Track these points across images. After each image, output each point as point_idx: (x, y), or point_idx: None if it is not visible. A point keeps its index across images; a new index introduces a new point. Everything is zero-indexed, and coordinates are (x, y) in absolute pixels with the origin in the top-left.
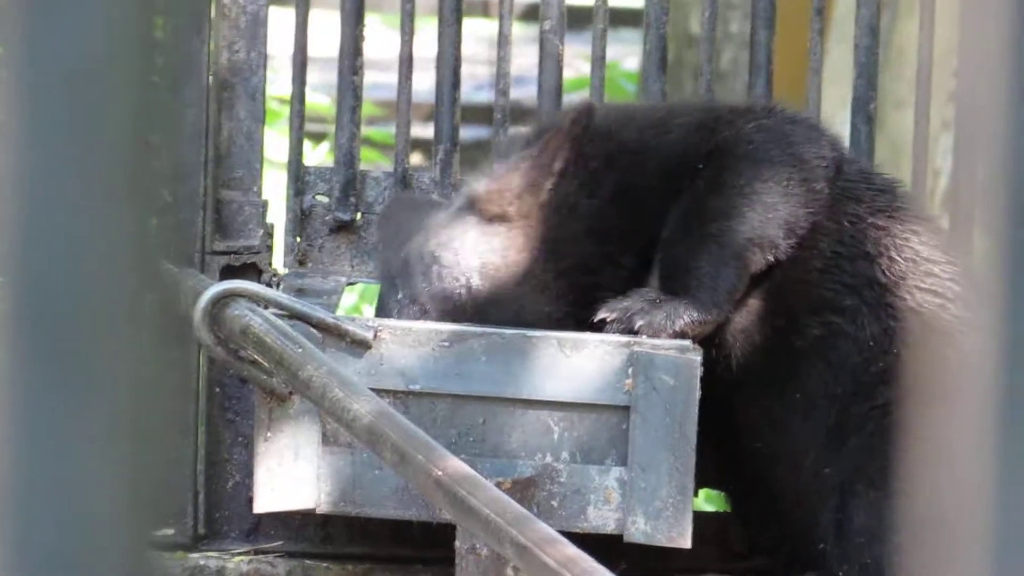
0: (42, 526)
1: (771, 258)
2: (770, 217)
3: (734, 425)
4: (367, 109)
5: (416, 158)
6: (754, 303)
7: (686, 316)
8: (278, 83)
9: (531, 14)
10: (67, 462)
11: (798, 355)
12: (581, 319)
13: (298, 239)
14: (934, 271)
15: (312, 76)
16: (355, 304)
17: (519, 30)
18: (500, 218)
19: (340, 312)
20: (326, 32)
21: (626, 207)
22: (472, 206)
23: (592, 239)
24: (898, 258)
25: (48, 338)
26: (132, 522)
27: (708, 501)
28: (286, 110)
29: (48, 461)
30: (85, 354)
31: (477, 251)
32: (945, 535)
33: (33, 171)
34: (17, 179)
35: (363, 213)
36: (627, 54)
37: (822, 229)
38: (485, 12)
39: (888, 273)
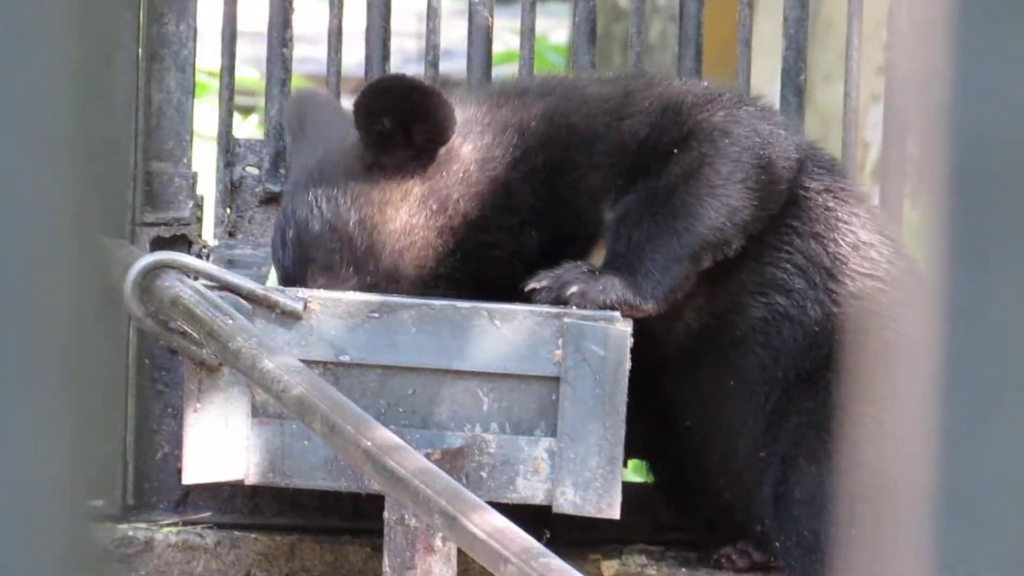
0: None
1: (721, 257)
2: (734, 221)
3: (668, 400)
4: (296, 82)
5: None
6: (698, 283)
7: (621, 294)
8: (207, 56)
9: None
10: (4, 434)
11: (738, 339)
12: (472, 280)
13: (228, 211)
14: (871, 255)
15: (241, 49)
16: None
17: (448, 3)
18: (378, 167)
19: (270, 284)
20: (255, 5)
21: (553, 185)
22: (356, 152)
23: (499, 208)
24: (841, 242)
25: None
26: (71, 494)
27: (636, 472)
28: (215, 83)
29: None
30: (18, 326)
31: (356, 205)
32: (882, 508)
33: None
34: None
35: None
36: (555, 27)
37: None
38: None
39: (832, 256)
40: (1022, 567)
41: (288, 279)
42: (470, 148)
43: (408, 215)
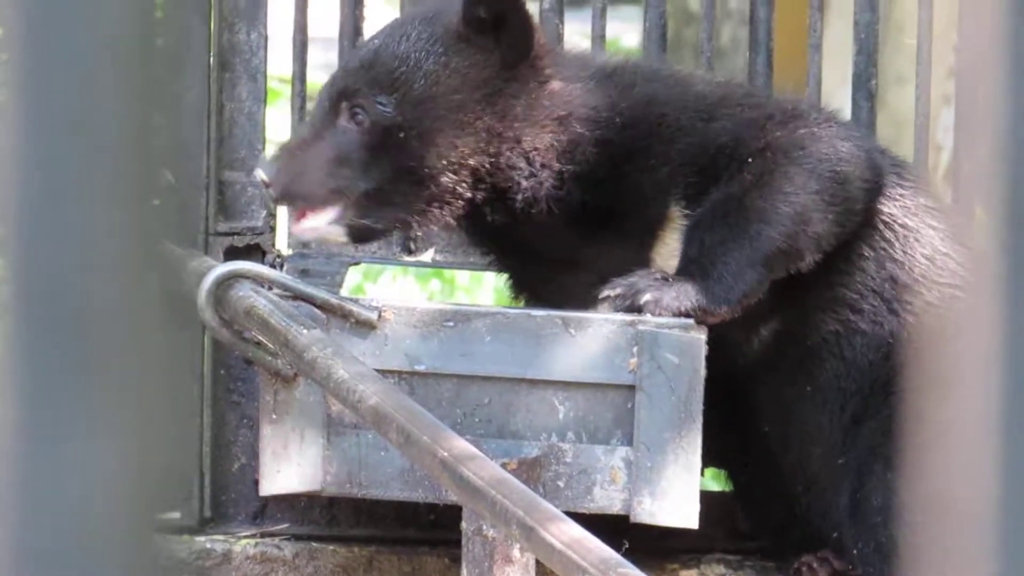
0: (47, 510)
1: (794, 270)
2: (806, 231)
3: (744, 407)
4: None
5: None
6: (767, 294)
7: (695, 300)
8: (279, 62)
9: None
10: (73, 446)
11: (810, 349)
12: (503, 226)
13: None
14: (949, 265)
15: (314, 56)
16: (359, 283)
17: None
18: (466, 41)
19: (344, 292)
20: (327, 11)
21: (622, 163)
22: (456, 18)
23: (552, 149)
24: (921, 258)
25: (53, 320)
26: (138, 506)
27: (715, 480)
28: (287, 89)
29: (54, 445)
30: (91, 337)
31: (436, 55)
32: (951, 516)
33: (35, 152)
34: (19, 160)
35: None
36: (626, 31)
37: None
38: None
39: (910, 273)
40: None
41: (338, 77)
42: (558, 86)
43: (468, 95)
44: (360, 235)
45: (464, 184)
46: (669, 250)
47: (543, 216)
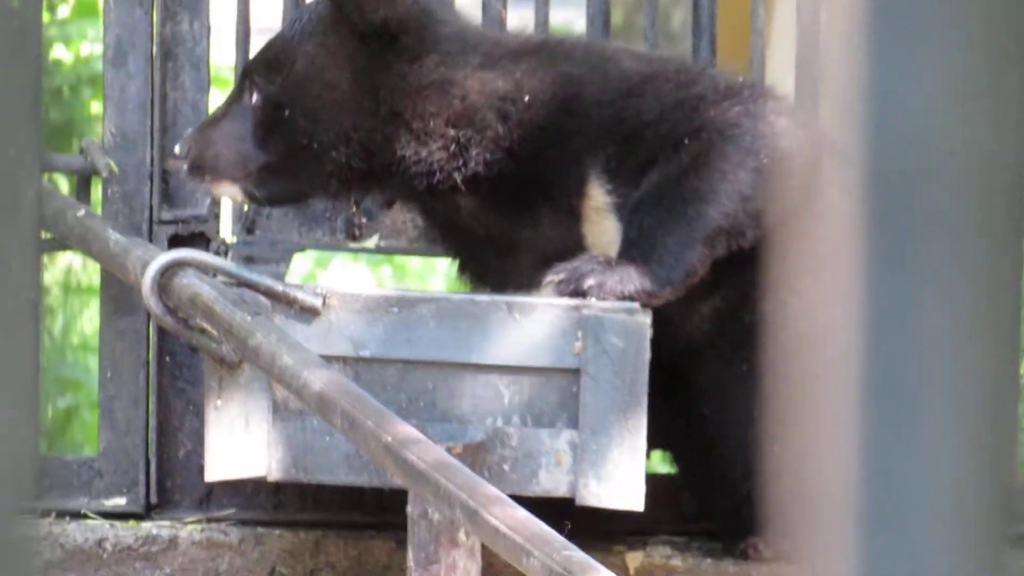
0: None
1: (735, 247)
2: (745, 207)
3: (688, 390)
4: None
5: None
6: (709, 272)
7: (638, 283)
8: (225, 52)
9: None
10: None
11: (748, 328)
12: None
13: (245, 207)
14: None
15: (257, 45)
16: (310, 271)
17: None
18: (343, 21)
19: (292, 279)
20: (270, 2)
21: (536, 140)
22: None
23: (447, 121)
24: None
25: None
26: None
27: (662, 462)
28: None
29: None
30: None
31: (317, 38)
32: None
33: None
34: None
35: None
36: (579, 16)
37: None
38: None
39: None
40: None
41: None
42: (435, 59)
43: (340, 73)
44: (260, 202)
45: (357, 158)
46: (599, 229)
47: (463, 194)
